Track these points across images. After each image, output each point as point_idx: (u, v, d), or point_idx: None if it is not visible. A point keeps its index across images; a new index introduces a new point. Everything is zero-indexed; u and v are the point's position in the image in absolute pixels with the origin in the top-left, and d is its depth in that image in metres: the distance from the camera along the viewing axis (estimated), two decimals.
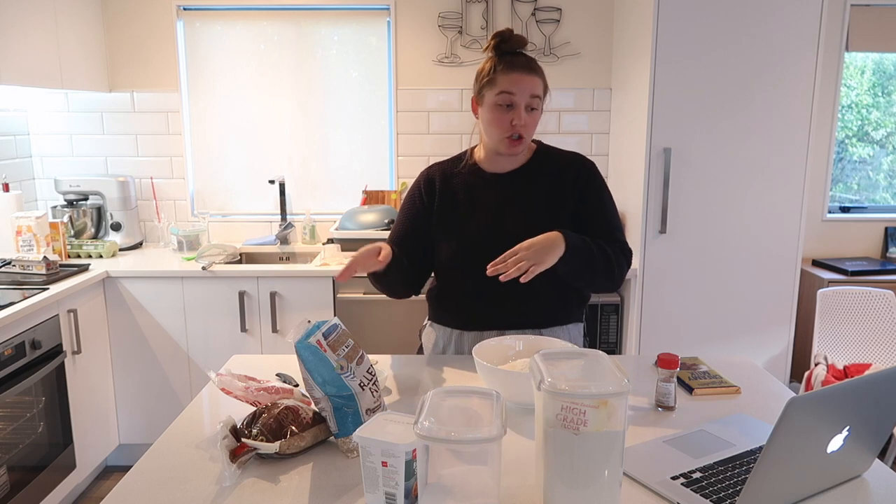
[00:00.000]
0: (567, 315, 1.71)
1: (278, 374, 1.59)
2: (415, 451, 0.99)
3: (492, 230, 1.64)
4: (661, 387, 1.41)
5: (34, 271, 2.61)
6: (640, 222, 2.83)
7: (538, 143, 1.73)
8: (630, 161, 2.98)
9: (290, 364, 1.68)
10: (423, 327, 1.84)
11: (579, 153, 1.72)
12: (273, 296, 2.81)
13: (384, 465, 1.00)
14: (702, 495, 1.06)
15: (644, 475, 1.13)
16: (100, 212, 3.17)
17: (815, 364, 2.67)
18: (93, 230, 3.16)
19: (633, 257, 1.75)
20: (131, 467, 1.19)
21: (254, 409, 1.33)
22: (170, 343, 2.85)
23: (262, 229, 3.42)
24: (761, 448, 1.21)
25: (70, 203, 3.12)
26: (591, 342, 2.92)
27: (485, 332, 1.69)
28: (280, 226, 3.27)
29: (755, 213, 2.82)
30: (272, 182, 3.24)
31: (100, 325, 2.78)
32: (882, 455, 2.61)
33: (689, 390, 1.50)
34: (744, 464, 1.16)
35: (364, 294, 2.81)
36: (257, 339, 2.85)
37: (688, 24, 2.67)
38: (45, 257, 2.61)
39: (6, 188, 2.94)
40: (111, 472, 2.96)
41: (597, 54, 3.28)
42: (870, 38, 3.31)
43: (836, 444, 1.01)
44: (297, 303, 2.82)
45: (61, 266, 2.73)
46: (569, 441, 0.97)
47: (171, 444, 1.26)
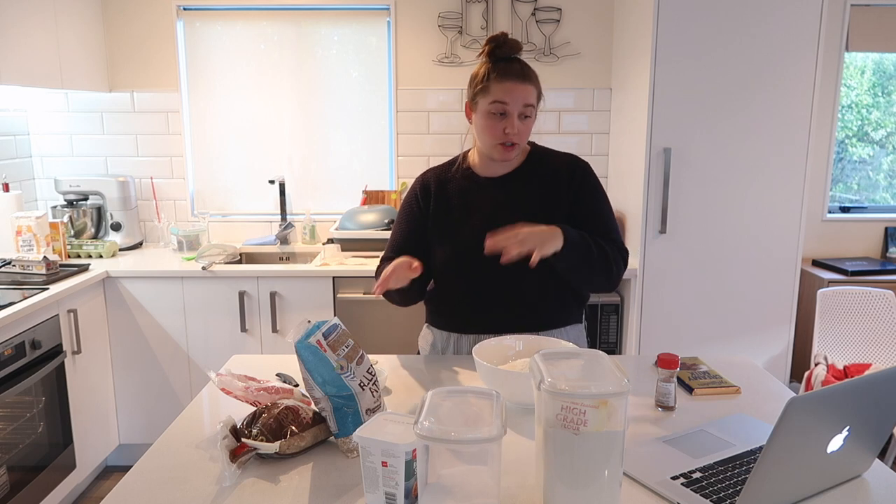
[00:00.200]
0: (566, 317, 1.71)
1: (278, 374, 1.59)
2: (415, 451, 0.99)
3: (486, 235, 1.64)
4: (661, 387, 1.41)
5: (34, 271, 2.61)
6: (640, 222, 2.83)
7: (532, 146, 1.73)
8: (630, 161, 2.98)
9: (290, 364, 1.68)
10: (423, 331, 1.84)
11: (573, 154, 1.72)
12: (273, 296, 2.81)
13: (384, 465, 1.00)
14: (702, 495, 1.06)
15: (644, 475, 1.13)
16: (100, 212, 3.17)
17: (815, 364, 2.67)
18: (93, 230, 3.16)
19: (633, 257, 1.75)
20: (131, 467, 1.19)
21: (254, 409, 1.34)
22: (170, 343, 2.85)
23: (262, 229, 3.42)
24: (761, 448, 1.21)
25: (70, 203, 3.12)
26: (591, 342, 2.92)
27: (482, 335, 1.68)
28: (280, 226, 3.27)
29: (755, 213, 2.82)
30: (272, 182, 3.24)
31: (100, 325, 2.78)
32: (882, 455, 2.61)
33: (689, 390, 1.50)
34: (744, 464, 1.16)
35: (364, 294, 2.81)
36: (257, 339, 2.85)
37: (688, 24, 2.67)
38: (45, 257, 2.61)
39: (6, 188, 2.94)
40: (111, 472, 2.96)
41: (597, 54, 3.28)
42: (870, 38, 3.31)
43: (836, 444, 1.01)
44: (297, 303, 2.82)
45: (61, 266, 2.73)
46: (569, 441, 0.97)
47: (171, 444, 1.26)
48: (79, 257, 2.98)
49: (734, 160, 2.78)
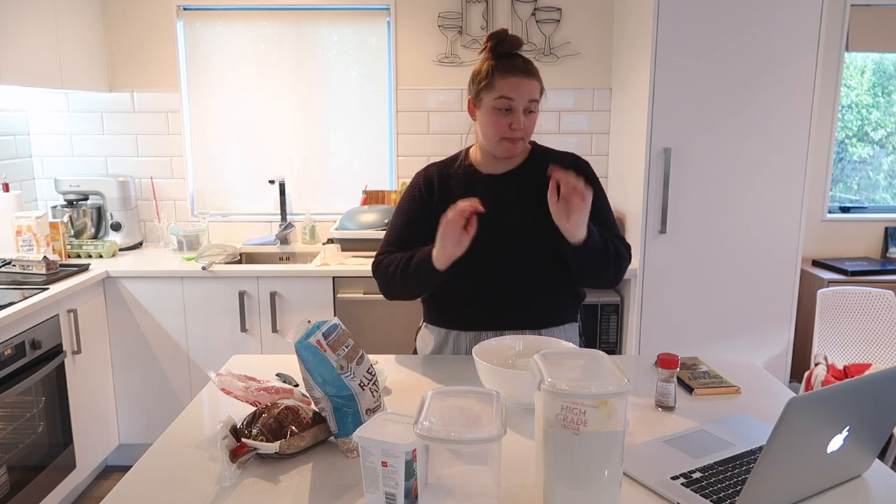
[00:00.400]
0: (563, 315, 1.71)
1: (278, 374, 1.59)
2: (415, 451, 0.99)
3: (488, 231, 1.64)
4: (661, 387, 1.41)
5: (34, 271, 2.61)
6: (640, 222, 2.83)
7: (533, 145, 1.74)
8: (630, 161, 2.98)
9: (290, 364, 1.68)
10: (419, 329, 1.84)
11: (574, 153, 1.74)
12: (273, 296, 2.81)
13: (384, 465, 1.00)
14: (702, 495, 1.06)
15: (644, 475, 1.13)
16: (100, 212, 3.17)
17: (815, 364, 2.67)
18: (93, 230, 3.16)
19: (633, 257, 1.76)
20: (131, 467, 1.19)
21: (254, 409, 1.34)
22: (170, 343, 2.85)
23: (262, 229, 3.42)
24: (761, 448, 1.21)
25: (70, 203, 3.12)
26: (591, 342, 2.92)
27: (482, 332, 1.68)
28: (280, 226, 3.27)
29: (755, 213, 2.82)
30: (272, 182, 3.24)
31: (100, 325, 2.78)
32: (882, 455, 2.61)
33: (689, 390, 1.50)
34: (744, 464, 1.16)
35: (364, 294, 2.81)
36: (257, 339, 2.85)
37: (688, 24, 2.67)
38: (45, 257, 2.61)
39: (6, 188, 2.94)
40: (111, 472, 2.96)
41: (597, 54, 3.28)
42: (870, 38, 3.31)
43: (836, 444, 1.01)
44: (297, 303, 2.82)
45: (61, 266, 2.73)
46: (569, 441, 0.97)
47: (171, 444, 1.26)
48: (79, 257, 2.98)
49: (734, 160, 2.78)
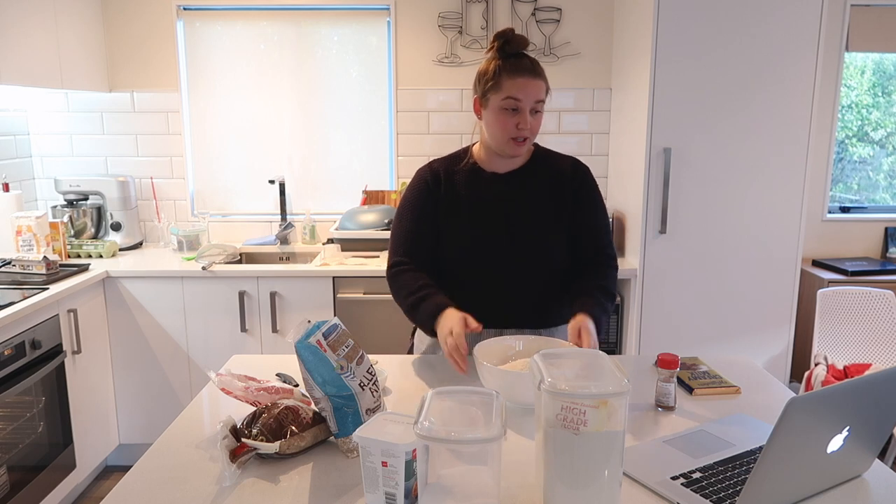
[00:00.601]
0: (563, 315, 1.72)
1: (278, 374, 1.59)
2: (415, 451, 0.99)
3: (491, 230, 1.65)
4: (661, 387, 1.41)
5: (34, 271, 2.61)
6: (640, 222, 2.83)
7: (535, 146, 1.76)
8: (630, 161, 2.98)
9: (290, 364, 1.68)
10: (416, 328, 1.84)
11: (574, 158, 1.76)
12: (273, 296, 2.81)
13: (384, 465, 1.00)
14: (702, 495, 1.06)
15: (644, 475, 1.13)
16: (100, 212, 3.17)
17: (815, 364, 2.67)
18: (93, 230, 3.16)
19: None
20: (131, 467, 1.19)
21: (254, 409, 1.34)
22: (170, 343, 2.85)
23: (262, 229, 3.42)
24: (761, 448, 1.21)
25: (70, 203, 3.12)
26: None
27: (482, 332, 1.69)
28: (280, 226, 3.27)
29: (755, 213, 2.82)
30: (272, 182, 3.24)
31: (100, 325, 2.78)
32: (882, 455, 2.61)
33: (689, 390, 1.50)
34: (744, 464, 1.16)
35: (364, 294, 2.81)
36: (257, 339, 2.85)
37: (688, 24, 2.67)
38: (45, 257, 2.61)
39: (6, 188, 2.94)
40: (111, 472, 2.96)
41: (597, 54, 3.28)
42: (870, 38, 3.31)
43: (836, 444, 1.01)
44: (297, 303, 2.82)
45: (61, 266, 2.73)
46: (569, 441, 0.97)
47: (171, 444, 1.26)
48: (79, 257, 2.98)
49: (734, 160, 2.77)
